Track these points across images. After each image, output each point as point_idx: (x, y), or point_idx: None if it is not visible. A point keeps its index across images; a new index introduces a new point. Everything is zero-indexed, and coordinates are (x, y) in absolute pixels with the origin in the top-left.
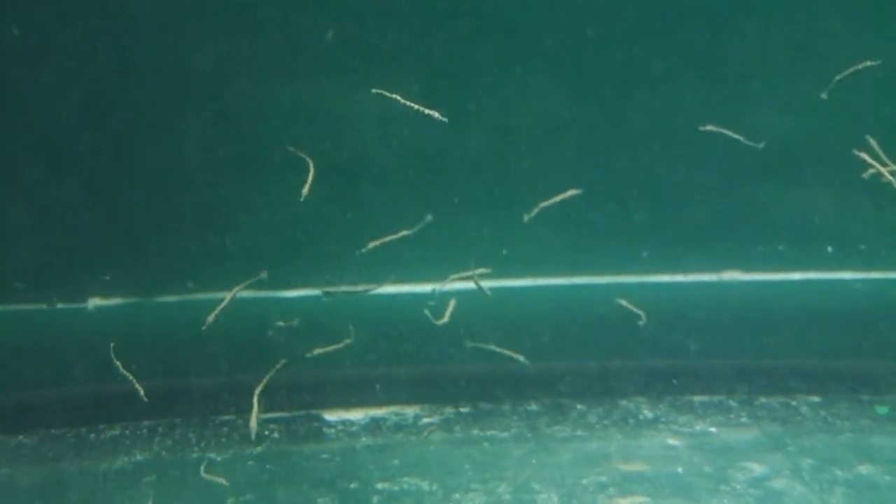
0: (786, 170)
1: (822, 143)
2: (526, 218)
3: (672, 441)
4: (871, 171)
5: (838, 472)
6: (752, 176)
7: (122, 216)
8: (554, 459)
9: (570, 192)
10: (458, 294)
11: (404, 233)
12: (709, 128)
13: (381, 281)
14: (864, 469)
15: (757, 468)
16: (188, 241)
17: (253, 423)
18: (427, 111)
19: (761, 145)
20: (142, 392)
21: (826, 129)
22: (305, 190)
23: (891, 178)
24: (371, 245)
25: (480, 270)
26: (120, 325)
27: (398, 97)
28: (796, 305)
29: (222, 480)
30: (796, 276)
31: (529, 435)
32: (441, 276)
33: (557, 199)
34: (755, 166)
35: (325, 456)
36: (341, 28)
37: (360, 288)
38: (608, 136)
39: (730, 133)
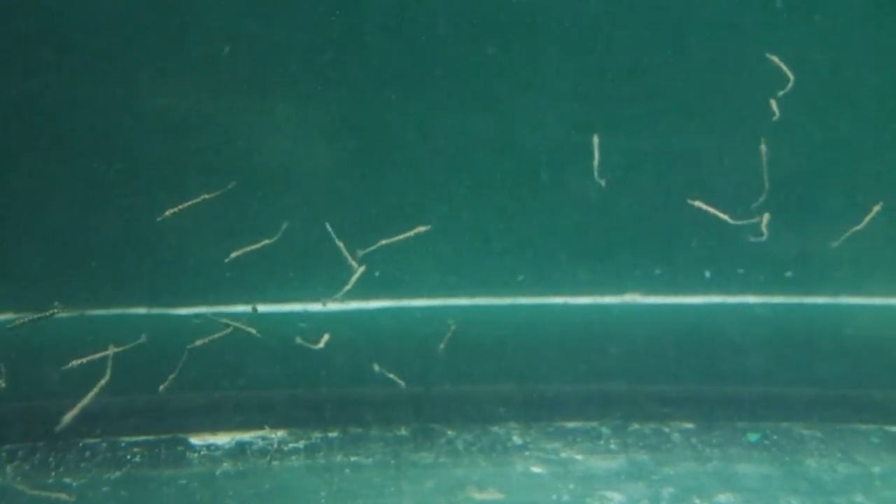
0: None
1: (716, 165)
2: (361, 253)
3: (536, 469)
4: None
5: (697, 501)
6: (657, 196)
7: None
8: (411, 487)
9: (418, 229)
10: (332, 316)
11: (265, 241)
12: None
13: (257, 300)
14: (723, 497)
15: (616, 497)
16: (61, 259)
17: (67, 418)
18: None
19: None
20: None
21: (722, 152)
22: (168, 212)
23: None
24: (233, 255)
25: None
26: None
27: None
28: (681, 330)
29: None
30: (698, 299)
31: (392, 461)
32: (314, 297)
33: (402, 236)
34: (657, 186)
35: (182, 482)
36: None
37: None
38: (505, 154)
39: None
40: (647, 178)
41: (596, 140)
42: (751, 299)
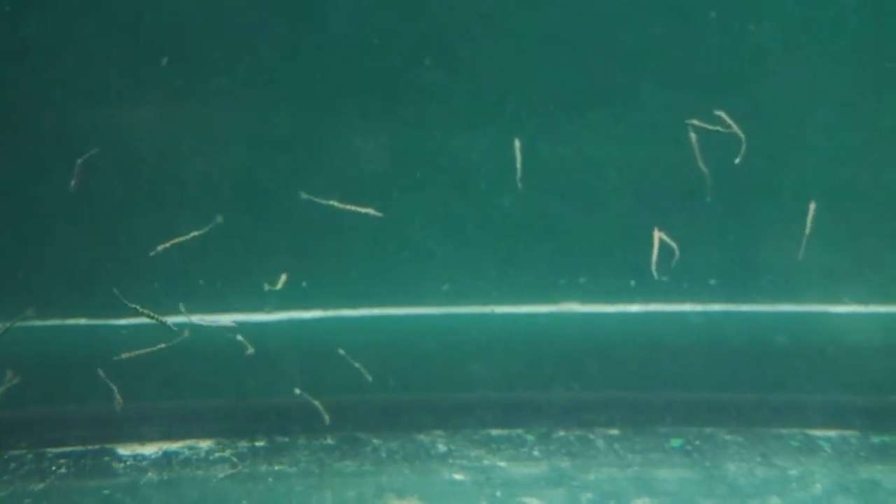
0: (621, 200)
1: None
2: (303, 196)
3: (458, 476)
4: None
5: None
6: (592, 206)
7: None
8: (333, 495)
9: (369, 210)
10: (260, 326)
11: (194, 233)
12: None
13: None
14: (640, 502)
15: (534, 503)
16: None
17: None
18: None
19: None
20: None
21: (658, 161)
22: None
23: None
24: (159, 248)
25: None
26: None
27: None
28: (609, 337)
29: None
30: (634, 308)
31: (317, 470)
32: (242, 308)
33: (354, 208)
34: (592, 195)
35: (106, 492)
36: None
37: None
38: (432, 164)
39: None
40: (574, 188)
41: (517, 144)
42: (681, 307)
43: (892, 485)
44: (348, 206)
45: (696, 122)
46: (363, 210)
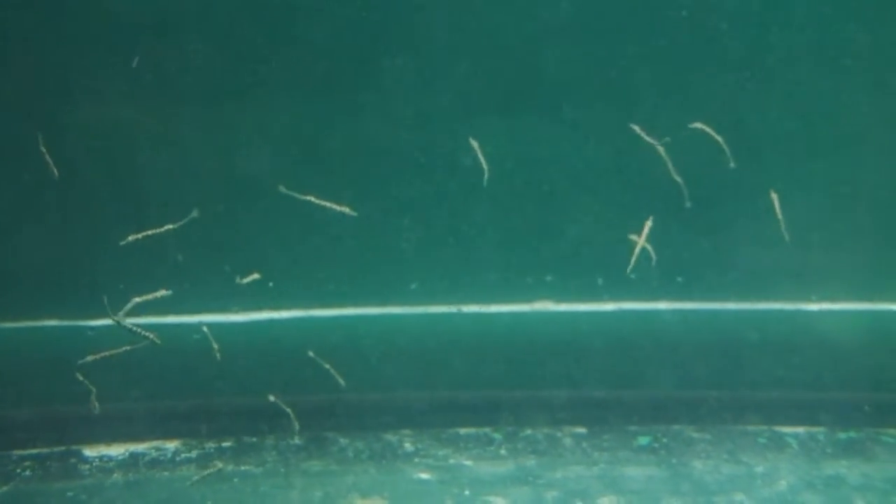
0: (598, 200)
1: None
2: (282, 189)
3: (424, 475)
4: None
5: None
6: (563, 204)
7: None
8: (298, 495)
9: (344, 209)
10: (227, 327)
11: (169, 226)
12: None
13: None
14: (605, 500)
15: (499, 501)
16: None
17: None
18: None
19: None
20: None
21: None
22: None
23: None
24: (131, 238)
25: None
26: None
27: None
28: (578, 336)
29: None
30: (609, 306)
31: (283, 470)
32: (205, 308)
33: (330, 204)
34: (563, 196)
35: (70, 494)
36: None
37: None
38: (393, 162)
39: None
40: (543, 186)
41: (476, 144)
42: (653, 305)
43: (857, 480)
44: (325, 203)
45: (636, 127)
46: (339, 208)
